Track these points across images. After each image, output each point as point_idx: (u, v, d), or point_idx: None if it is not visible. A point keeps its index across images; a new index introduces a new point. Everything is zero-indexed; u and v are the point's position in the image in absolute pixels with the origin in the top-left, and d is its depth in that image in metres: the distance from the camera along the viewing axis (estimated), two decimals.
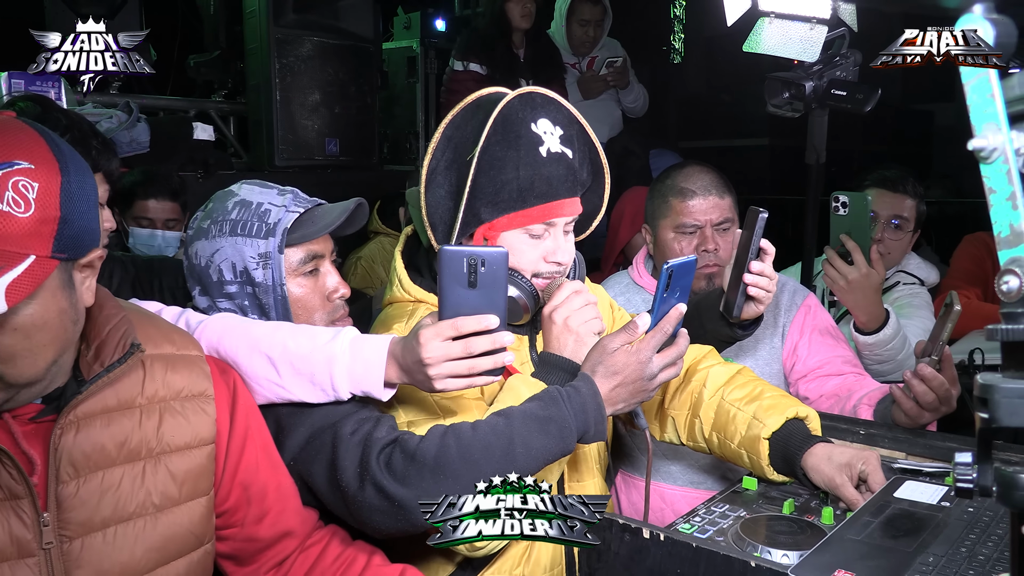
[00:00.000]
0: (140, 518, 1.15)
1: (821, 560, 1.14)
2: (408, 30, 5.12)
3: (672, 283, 1.39)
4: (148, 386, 1.18)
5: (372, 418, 1.34)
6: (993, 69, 0.73)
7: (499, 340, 1.26)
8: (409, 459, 1.25)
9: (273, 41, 3.91)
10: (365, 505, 1.26)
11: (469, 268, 1.25)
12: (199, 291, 1.49)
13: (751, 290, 1.64)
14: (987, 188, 0.74)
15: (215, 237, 1.45)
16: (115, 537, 1.12)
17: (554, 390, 1.36)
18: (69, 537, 1.09)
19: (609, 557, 1.29)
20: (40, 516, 1.06)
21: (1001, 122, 0.73)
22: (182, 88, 4.66)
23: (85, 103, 3.42)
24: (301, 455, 1.34)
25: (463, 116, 1.49)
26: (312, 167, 4.09)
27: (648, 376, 1.40)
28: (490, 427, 1.29)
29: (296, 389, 1.33)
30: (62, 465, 1.08)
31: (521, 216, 1.46)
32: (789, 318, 2.14)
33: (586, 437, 1.35)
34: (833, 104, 2.45)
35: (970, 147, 0.73)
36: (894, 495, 1.38)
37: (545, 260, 1.50)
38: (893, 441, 1.66)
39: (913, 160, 6.59)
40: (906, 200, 2.50)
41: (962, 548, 1.18)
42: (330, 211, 1.51)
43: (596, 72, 4.45)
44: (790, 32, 2.23)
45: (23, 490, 1.05)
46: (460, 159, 1.45)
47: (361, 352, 1.31)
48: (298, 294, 1.47)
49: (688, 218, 2.05)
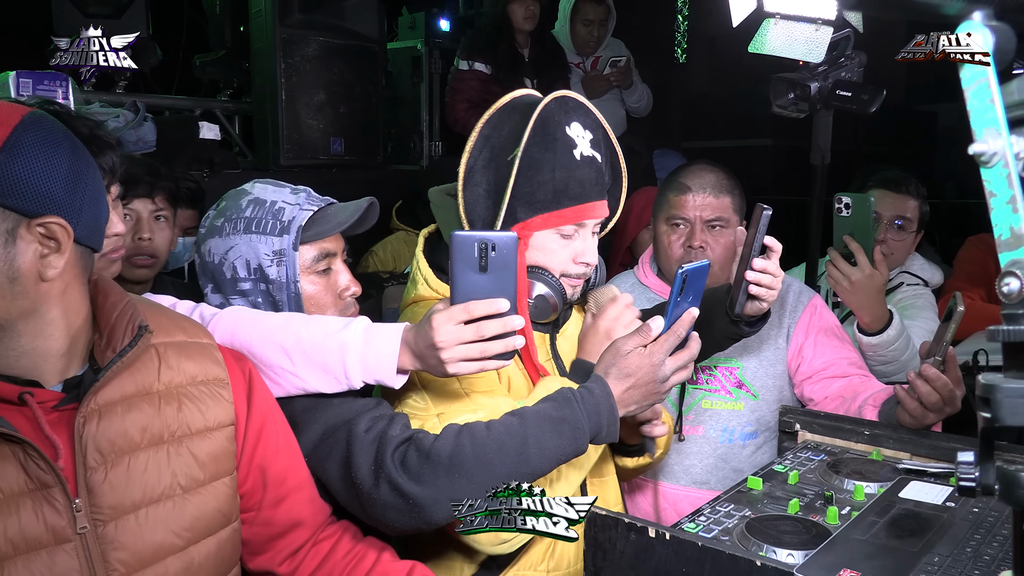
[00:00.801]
0: (169, 500, 1.18)
1: (826, 560, 1.14)
2: (412, 30, 5.12)
3: (686, 287, 1.41)
4: (164, 373, 1.21)
5: (386, 416, 1.35)
6: (993, 74, 0.75)
7: (510, 324, 1.28)
8: (424, 457, 1.27)
9: (279, 41, 3.92)
10: (379, 503, 1.28)
11: (480, 252, 1.27)
12: (211, 288, 1.51)
13: (753, 287, 1.65)
14: (987, 192, 0.75)
15: (229, 235, 1.47)
16: (147, 519, 1.15)
17: (568, 391, 1.37)
18: (103, 521, 1.11)
19: (615, 556, 1.30)
20: (72, 502, 1.08)
21: (1001, 127, 0.74)
22: (188, 87, 4.67)
23: (92, 102, 3.43)
24: (315, 452, 1.36)
25: (499, 117, 1.51)
26: (317, 166, 4.10)
27: (661, 379, 1.41)
28: (504, 427, 1.31)
29: (310, 378, 1.34)
30: (88, 452, 1.11)
31: (555, 216, 1.49)
32: (794, 319, 2.14)
33: (598, 438, 1.37)
34: (838, 105, 2.45)
35: (971, 152, 0.75)
36: (899, 495, 1.38)
37: (574, 261, 1.54)
38: (898, 442, 1.67)
39: (916, 160, 6.58)
40: (909, 201, 2.50)
41: (967, 548, 1.18)
42: (343, 210, 1.53)
43: (600, 72, 4.45)
44: (795, 33, 2.24)
45: (52, 479, 1.07)
46: (499, 159, 1.48)
47: (374, 339, 1.33)
48: (311, 291, 1.49)
49: (679, 211, 2.08)
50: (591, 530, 1.32)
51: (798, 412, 1.84)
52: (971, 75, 0.76)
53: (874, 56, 2.53)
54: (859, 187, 2.54)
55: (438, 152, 5.06)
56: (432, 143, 5.09)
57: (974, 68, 0.75)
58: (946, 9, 0.75)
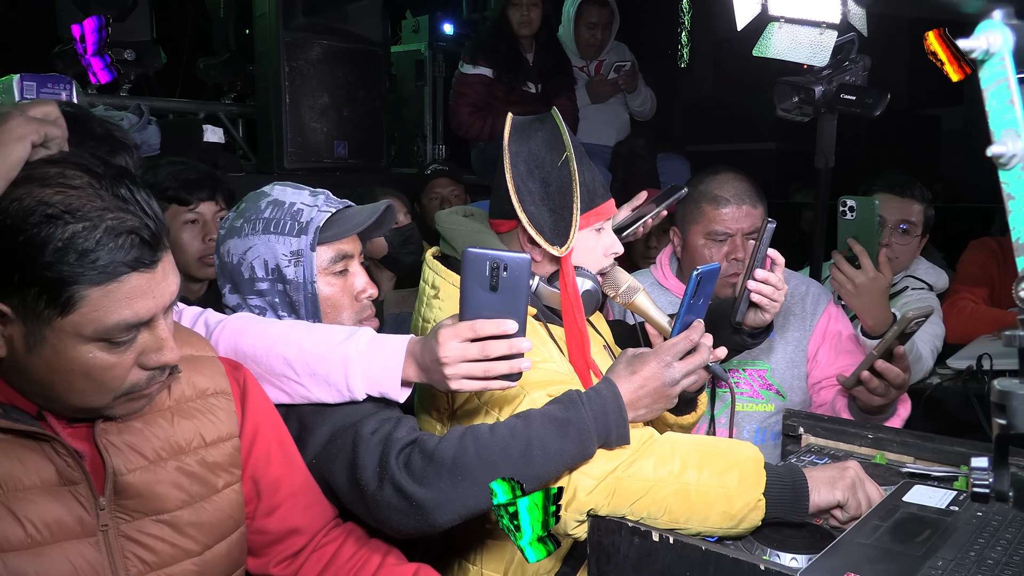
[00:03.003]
0: (188, 507, 1.21)
1: (830, 564, 1.14)
2: (416, 33, 5.14)
3: (699, 289, 1.43)
4: (175, 389, 1.24)
5: (393, 418, 1.35)
6: (1013, 74, 0.73)
7: (516, 346, 1.27)
8: (428, 459, 1.26)
9: (282, 44, 3.92)
10: (384, 505, 1.27)
11: (491, 272, 1.26)
12: (229, 289, 1.52)
13: (754, 297, 1.67)
14: (1005, 194, 0.73)
15: (248, 235, 1.48)
16: (167, 524, 1.18)
17: (574, 393, 1.37)
18: (126, 520, 1.15)
19: (619, 560, 1.30)
20: (97, 499, 1.12)
21: (1021, 128, 0.73)
22: (192, 91, 4.68)
23: (96, 105, 3.44)
24: (322, 454, 1.35)
25: (515, 139, 1.54)
26: (320, 170, 4.11)
27: (670, 382, 1.41)
28: (508, 429, 1.30)
29: (314, 388, 1.35)
30: (112, 456, 1.14)
31: (593, 214, 1.56)
32: (813, 323, 2.18)
33: (608, 441, 1.35)
34: (842, 108, 2.46)
35: (989, 153, 0.73)
36: (903, 499, 1.38)
37: (605, 255, 1.61)
38: (901, 446, 1.67)
39: (920, 164, 6.57)
40: (914, 205, 2.50)
41: (971, 552, 1.18)
42: (360, 212, 1.53)
43: (605, 76, 4.45)
44: (800, 37, 2.24)
45: (79, 476, 1.11)
46: (540, 168, 1.53)
47: (379, 352, 1.33)
48: (327, 293, 1.49)
49: (720, 226, 2.06)
50: (595, 534, 1.32)
51: (802, 416, 1.84)
52: (990, 75, 0.74)
53: (878, 60, 2.53)
54: (864, 191, 2.54)
55: (441, 155, 5.06)
56: (436, 146, 5.10)
57: (994, 68, 0.73)
58: (966, 7, 0.73)
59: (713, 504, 1.32)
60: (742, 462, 1.36)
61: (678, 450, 1.36)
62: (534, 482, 1.27)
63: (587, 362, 1.55)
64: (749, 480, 1.34)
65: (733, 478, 1.33)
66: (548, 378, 1.46)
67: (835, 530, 1.34)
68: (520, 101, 4.12)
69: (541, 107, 2.98)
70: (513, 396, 1.44)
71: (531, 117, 1.59)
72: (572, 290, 1.51)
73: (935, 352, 2.43)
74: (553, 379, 1.46)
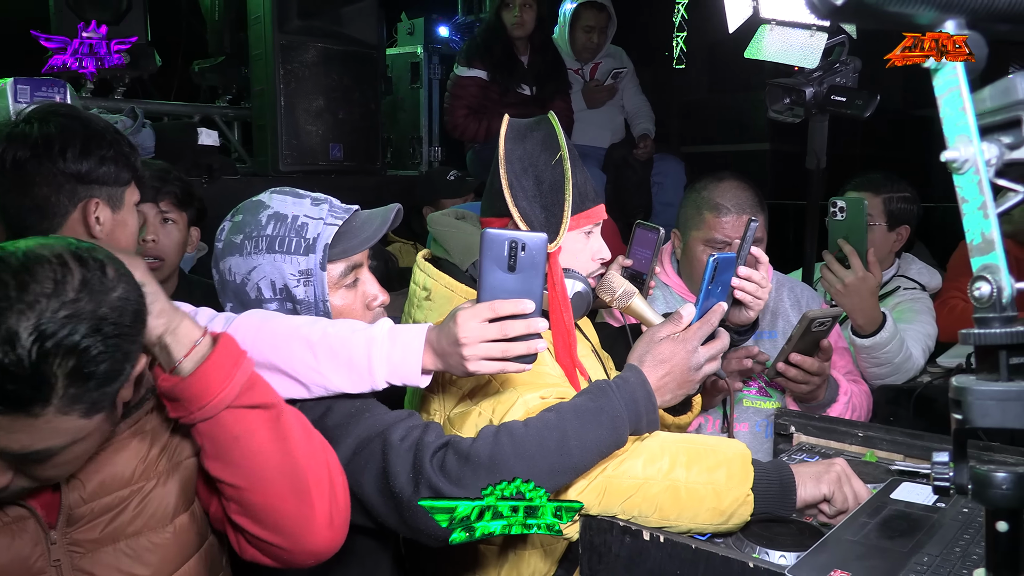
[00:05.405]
0: (151, 531, 1.18)
1: (818, 560, 1.15)
2: (412, 36, 5.15)
3: (716, 276, 1.47)
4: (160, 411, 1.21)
5: (420, 425, 1.32)
6: (964, 82, 0.76)
7: (534, 325, 1.28)
8: (463, 460, 1.24)
9: (277, 47, 3.93)
10: (421, 511, 1.23)
11: (510, 251, 1.27)
12: (232, 308, 1.45)
13: (737, 294, 1.68)
14: (959, 197, 0.76)
15: (250, 253, 1.41)
16: (127, 550, 1.15)
17: (603, 382, 1.37)
18: (79, 553, 1.11)
19: (610, 559, 1.31)
20: (47, 535, 1.09)
21: (972, 134, 0.76)
22: (187, 93, 4.69)
23: (90, 108, 3.44)
24: (349, 467, 1.30)
25: (511, 139, 1.54)
26: (316, 172, 4.11)
27: (695, 366, 1.43)
28: (542, 422, 1.29)
29: (333, 375, 1.31)
30: (72, 490, 1.11)
31: (583, 217, 1.56)
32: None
33: (639, 427, 1.35)
34: (833, 110, 2.47)
35: (943, 159, 0.76)
36: (891, 496, 1.39)
37: (593, 259, 1.60)
38: (891, 444, 1.68)
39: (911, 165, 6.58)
40: (872, 198, 2.50)
41: (956, 548, 1.19)
42: (369, 222, 1.48)
43: (602, 81, 4.46)
44: (791, 39, 2.25)
45: (25, 511, 1.08)
46: (534, 166, 1.53)
47: (399, 338, 1.31)
48: (340, 305, 1.45)
49: (720, 234, 2.05)
50: (586, 533, 1.33)
51: (793, 414, 1.85)
52: (943, 83, 0.77)
53: (869, 61, 2.54)
54: (843, 193, 2.56)
55: (437, 158, 5.07)
56: (431, 149, 5.11)
57: (946, 76, 0.76)
58: (919, 19, 0.76)
59: (703, 500, 1.33)
60: (730, 459, 1.37)
61: (667, 448, 1.37)
62: (571, 474, 1.27)
63: (573, 361, 1.54)
64: (737, 476, 1.35)
65: (722, 474, 1.35)
66: (541, 380, 1.46)
67: (823, 527, 1.35)
68: (515, 103, 4.12)
69: (536, 109, 2.98)
70: (506, 398, 1.44)
71: (528, 120, 1.59)
72: (560, 288, 1.51)
73: (927, 352, 2.44)
74: (546, 382, 1.46)
